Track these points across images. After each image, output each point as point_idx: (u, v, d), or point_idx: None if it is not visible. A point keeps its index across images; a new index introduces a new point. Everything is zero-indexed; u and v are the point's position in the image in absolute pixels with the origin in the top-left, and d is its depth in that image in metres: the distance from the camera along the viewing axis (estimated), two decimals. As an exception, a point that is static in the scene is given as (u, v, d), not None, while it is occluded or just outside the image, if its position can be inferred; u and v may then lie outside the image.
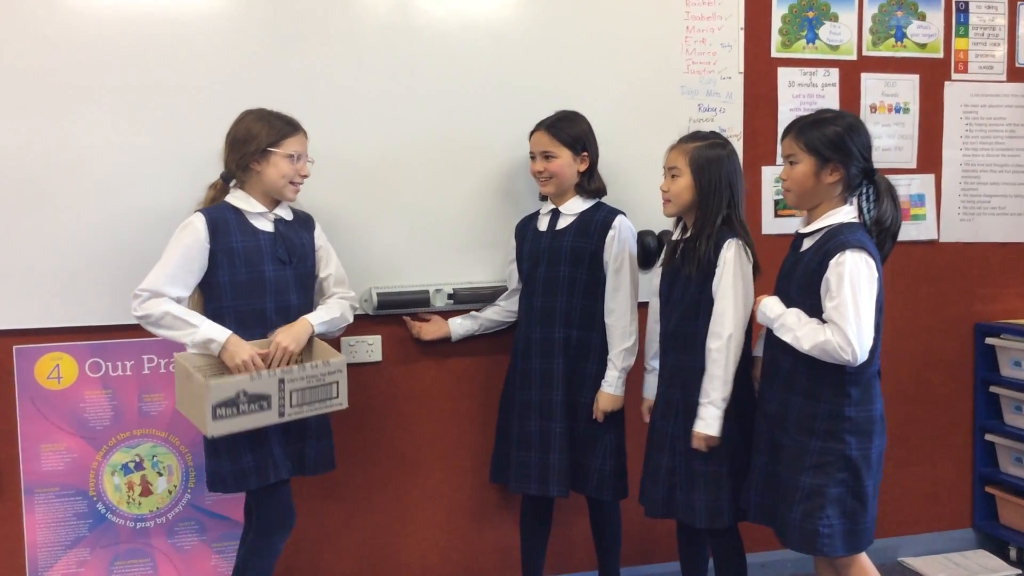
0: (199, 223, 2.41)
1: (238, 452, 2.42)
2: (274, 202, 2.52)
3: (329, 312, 2.55)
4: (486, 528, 3.16)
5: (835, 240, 2.31)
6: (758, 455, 2.49)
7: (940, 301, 3.53)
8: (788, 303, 2.40)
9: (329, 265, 2.63)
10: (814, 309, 2.32)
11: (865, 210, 2.39)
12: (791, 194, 2.44)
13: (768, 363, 2.49)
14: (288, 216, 2.55)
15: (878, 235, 2.37)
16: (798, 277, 2.39)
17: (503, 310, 3.00)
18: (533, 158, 2.82)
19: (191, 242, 2.40)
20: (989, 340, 3.52)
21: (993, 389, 3.53)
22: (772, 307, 2.41)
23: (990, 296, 3.58)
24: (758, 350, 2.60)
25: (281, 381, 2.39)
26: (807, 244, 2.41)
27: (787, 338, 2.34)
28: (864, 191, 2.40)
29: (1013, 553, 3.51)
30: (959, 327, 3.56)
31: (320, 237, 2.63)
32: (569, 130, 2.77)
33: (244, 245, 2.44)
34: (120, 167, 2.70)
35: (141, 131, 2.71)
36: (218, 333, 2.37)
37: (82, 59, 2.66)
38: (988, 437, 3.56)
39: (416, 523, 3.09)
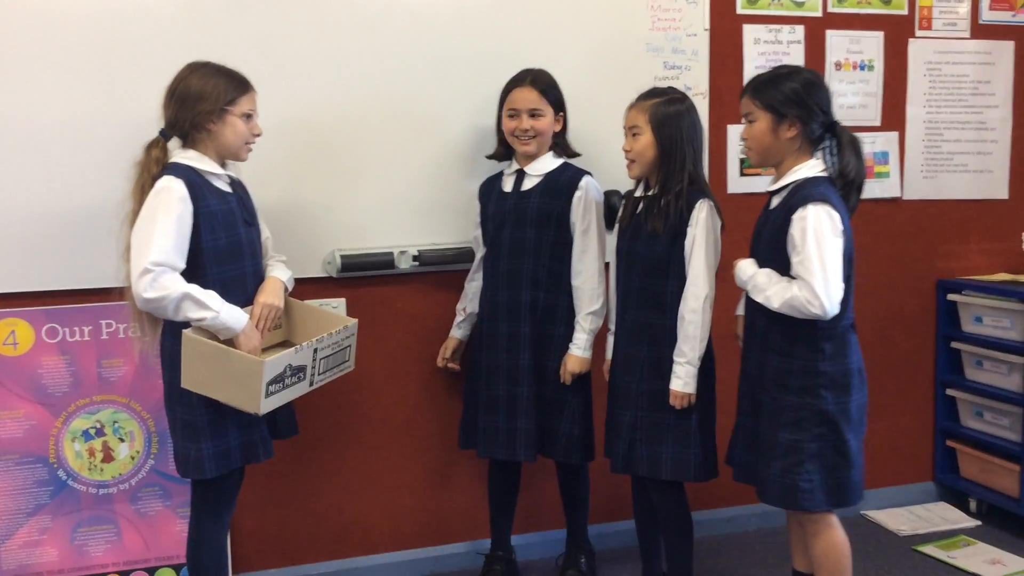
0: (179, 187, 2.22)
1: (224, 430, 2.30)
2: (223, 163, 2.39)
3: (285, 272, 2.51)
4: (454, 490, 3.16)
5: (798, 195, 2.32)
6: (742, 415, 2.51)
7: (903, 258, 3.55)
8: (760, 263, 2.41)
9: (265, 227, 2.54)
10: (783, 266, 2.34)
11: (829, 163, 2.41)
12: (752, 152, 2.46)
13: (747, 324, 2.51)
14: (237, 176, 2.45)
15: (843, 187, 2.37)
16: (766, 235, 2.41)
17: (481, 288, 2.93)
18: (514, 115, 2.73)
19: (182, 207, 2.21)
20: (951, 296, 3.56)
21: (955, 345, 3.57)
22: (745, 269, 2.42)
23: (952, 253, 3.61)
24: (740, 309, 2.61)
25: (315, 351, 2.34)
26: (775, 202, 2.42)
27: (759, 298, 2.36)
28: (827, 145, 2.42)
29: (973, 505, 3.57)
30: (921, 284, 3.59)
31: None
32: (554, 88, 2.74)
33: (220, 208, 2.31)
34: (71, 127, 2.63)
35: (90, 90, 2.64)
36: (235, 322, 2.25)
37: (26, 17, 2.57)
38: (949, 392, 3.61)
39: (383, 485, 3.08)
